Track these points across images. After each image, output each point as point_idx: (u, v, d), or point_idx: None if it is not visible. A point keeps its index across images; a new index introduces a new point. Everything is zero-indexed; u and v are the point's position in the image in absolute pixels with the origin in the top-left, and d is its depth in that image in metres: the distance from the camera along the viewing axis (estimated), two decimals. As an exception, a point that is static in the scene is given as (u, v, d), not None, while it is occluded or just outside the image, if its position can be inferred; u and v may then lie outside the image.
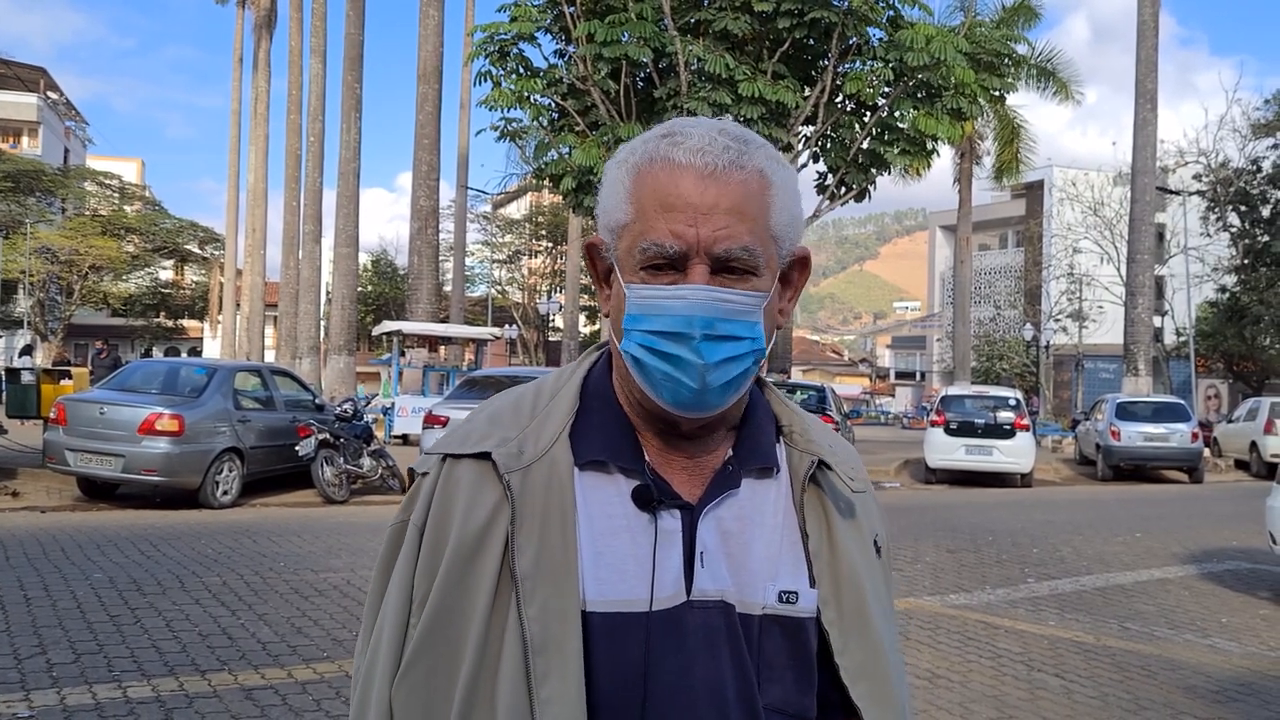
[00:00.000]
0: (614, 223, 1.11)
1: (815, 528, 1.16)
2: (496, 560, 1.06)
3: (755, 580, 1.12)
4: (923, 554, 10.12)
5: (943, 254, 61.92)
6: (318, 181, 32.16)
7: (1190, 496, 18.21)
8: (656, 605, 1.07)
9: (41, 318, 41.61)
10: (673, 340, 1.06)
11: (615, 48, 15.44)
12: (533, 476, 1.08)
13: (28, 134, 53.61)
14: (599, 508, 1.10)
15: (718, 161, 1.07)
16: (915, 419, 49.69)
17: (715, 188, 1.07)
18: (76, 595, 6.85)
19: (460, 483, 1.10)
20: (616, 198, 1.11)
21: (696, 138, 1.09)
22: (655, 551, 1.08)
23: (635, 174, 1.10)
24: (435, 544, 1.10)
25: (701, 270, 1.06)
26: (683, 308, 1.06)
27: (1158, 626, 7.33)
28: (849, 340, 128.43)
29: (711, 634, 1.08)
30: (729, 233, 1.06)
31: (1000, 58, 17.76)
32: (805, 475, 1.17)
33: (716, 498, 1.12)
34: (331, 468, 12.92)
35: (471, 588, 1.06)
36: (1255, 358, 36.39)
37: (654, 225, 1.07)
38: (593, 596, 1.06)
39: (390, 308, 49.34)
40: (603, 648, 1.05)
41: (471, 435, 1.13)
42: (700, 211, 1.06)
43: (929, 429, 20.01)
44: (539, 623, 1.03)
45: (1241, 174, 34.95)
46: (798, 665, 1.13)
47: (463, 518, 1.08)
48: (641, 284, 1.08)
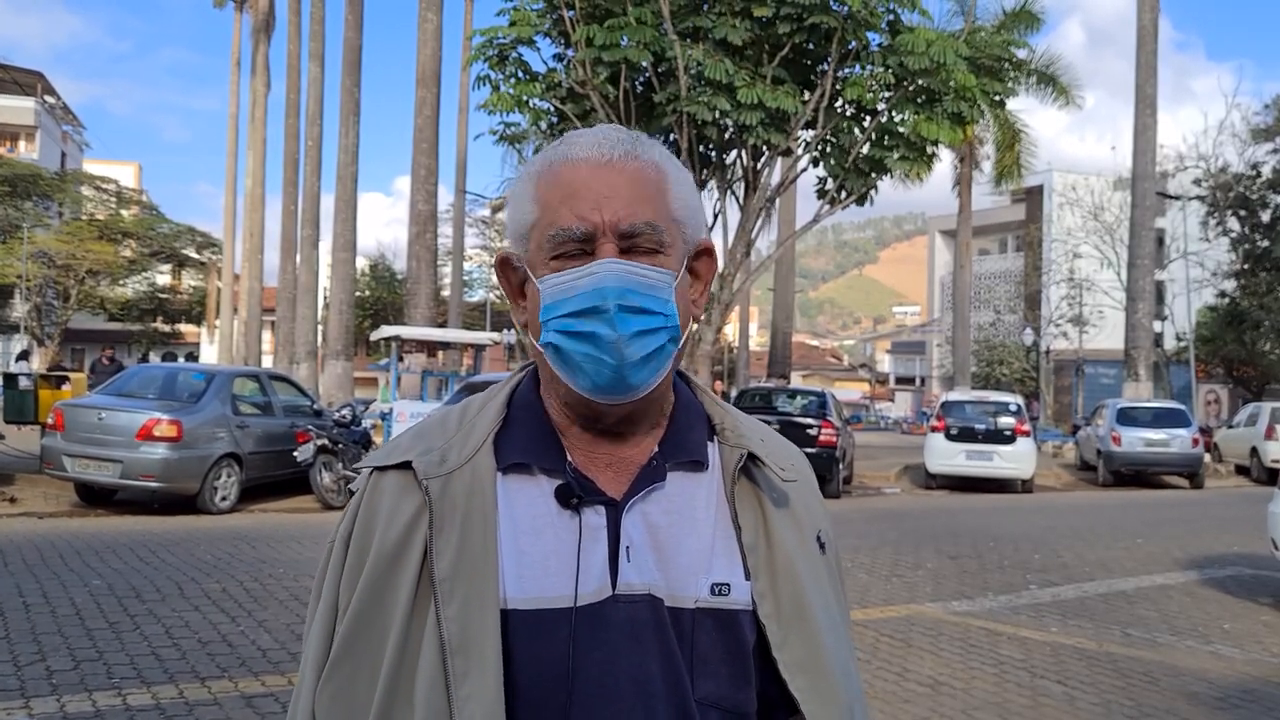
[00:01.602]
0: (522, 227, 1.15)
1: (749, 521, 1.16)
2: (416, 566, 1.08)
3: (686, 574, 1.12)
4: (924, 560, 10.10)
5: (942, 259, 61.99)
6: (315, 186, 32.17)
7: (1191, 502, 18.20)
8: (581, 601, 1.07)
9: (38, 322, 41.57)
10: (587, 317, 1.08)
11: (614, 52, 15.43)
12: (453, 483, 1.10)
13: (24, 138, 53.62)
14: (522, 509, 1.11)
15: (613, 152, 1.12)
16: (915, 424, 49.75)
17: (614, 174, 1.11)
18: (75, 602, 6.82)
19: (384, 493, 1.13)
20: (522, 204, 1.15)
21: (590, 136, 1.15)
22: (579, 547, 1.09)
23: (537, 178, 1.14)
24: (358, 554, 1.12)
25: (609, 248, 1.09)
26: (593, 282, 1.08)
27: (1160, 632, 7.30)
28: (849, 345, 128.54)
29: (637, 628, 1.08)
30: (630, 211, 1.10)
31: (1001, 62, 17.77)
32: (735, 468, 1.17)
33: (640, 492, 1.13)
34: (330, 473, 12.91)
35: (390, 593, 1.08)
36: (1255, 363, 36.40)
37: (559, 214, 1.10)
38: (514, 594, 1.07)
39: (388, 312, 49.34)
40: (524, 645, 1.05)
41: (397, 449, 1.15)
42: (603, 195, 1.10)
43: (929, 434, 20.00)
44: (457, 623, 1.04)
45: (1241, 179, 34.96)
46: (733, 659, 1.12)
47: (384, 526, 1.11)
48: (552, 273, 1.11)
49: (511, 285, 1.20)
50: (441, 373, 25.20)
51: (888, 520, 13.67)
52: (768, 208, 19.44)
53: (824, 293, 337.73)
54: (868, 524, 13.07)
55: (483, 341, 26.87)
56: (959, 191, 34.44)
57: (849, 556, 10.06)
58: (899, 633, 6.93)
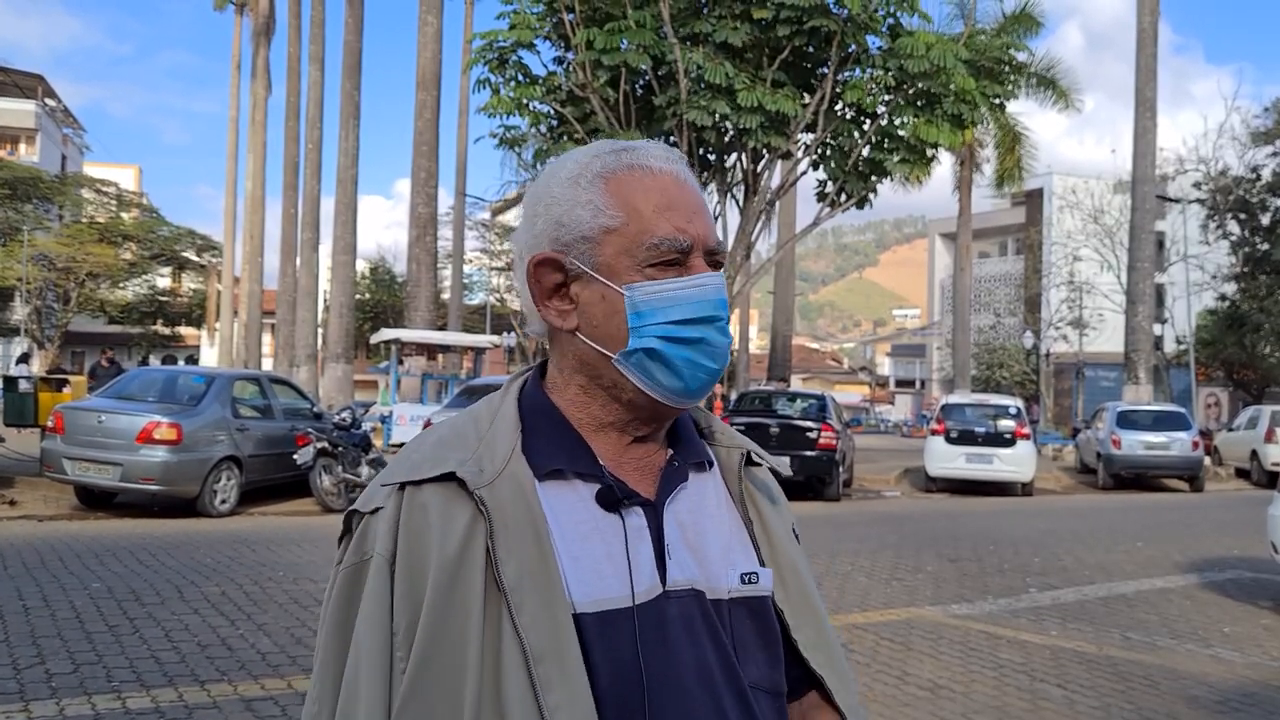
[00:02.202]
0: (591, 231, 1.14)
1: (754, 515, 1.24)
2: (480, 575, 1.05)
3: (717, 567, 1.16)
4: (924, 563, 10.10)
5: (942, 262, 61.99)
6: (316, 189, 32.17)
7: (1191, 505, 18.19)
8: (638, 600, 1.09)
9: (38, 325, 41.58)
10: (698, 325, 1.13)
11: (614, 55, 15.45)
12: (498, 491, 1.08)
13: (25, 141, 53.63)
14: (566, 514, 1.11)
15: (681, 170, 1.18)
16: (915, 427, 49.68)
17: (689, 191, 1.17)
18: (75, 605, 6.82)
19: (428, 507, 1.08)
20: (590, 207, 1.14)
21: (655, 149, 1.18)
22: (628, 549, 1.11)
23: (608, 182, 1.15)
24: (412, 572, 1.07)
25: (701, 263, 1.15)
26: (707, 293, 1.14)
27: (1160, 636, 7.30)
28: (848, 348, 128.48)
29: (690, 621, 1.12)
30: (710, 228, 1.17)
31: (1000, 65, 17.79)
32: (739, 467, 1.24)
33: (671, 492, 1.17)
34: (330, 476, 12.90)
35: (461, 607, 1.05)
36: (1255, 366, 36.41)
37: (657, 224, 1.13)
38: (579, 599, 1.07)
39: (388, 315, 49.36)
40: (597, 647, 1.06)
41: (425, 462, 1.12)
42: (692, 210, 1.16)
43: (929, 437, 19.99)
44: (534, 631, 1.03)
45: (1241, 182, 34.98)
46: (768, 644, 1.18)
47: (440, 540, 1.07)
48: (649, 280, 1.13)
49: (544, 286, 1.17)
50: (441, 375, 25.26)
51: (887, 523, 13.67)
52: (767, 211, 19.45)
53: (824, 296, 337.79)
54: (867, 527, 13.07)
55: (482, 345, 26.90)
56: (959, 194, 34.43)
57: (849, 560, 10.06)
58: (899, 636, 6.93)
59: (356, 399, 26.79)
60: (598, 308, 1.14)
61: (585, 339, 1.15)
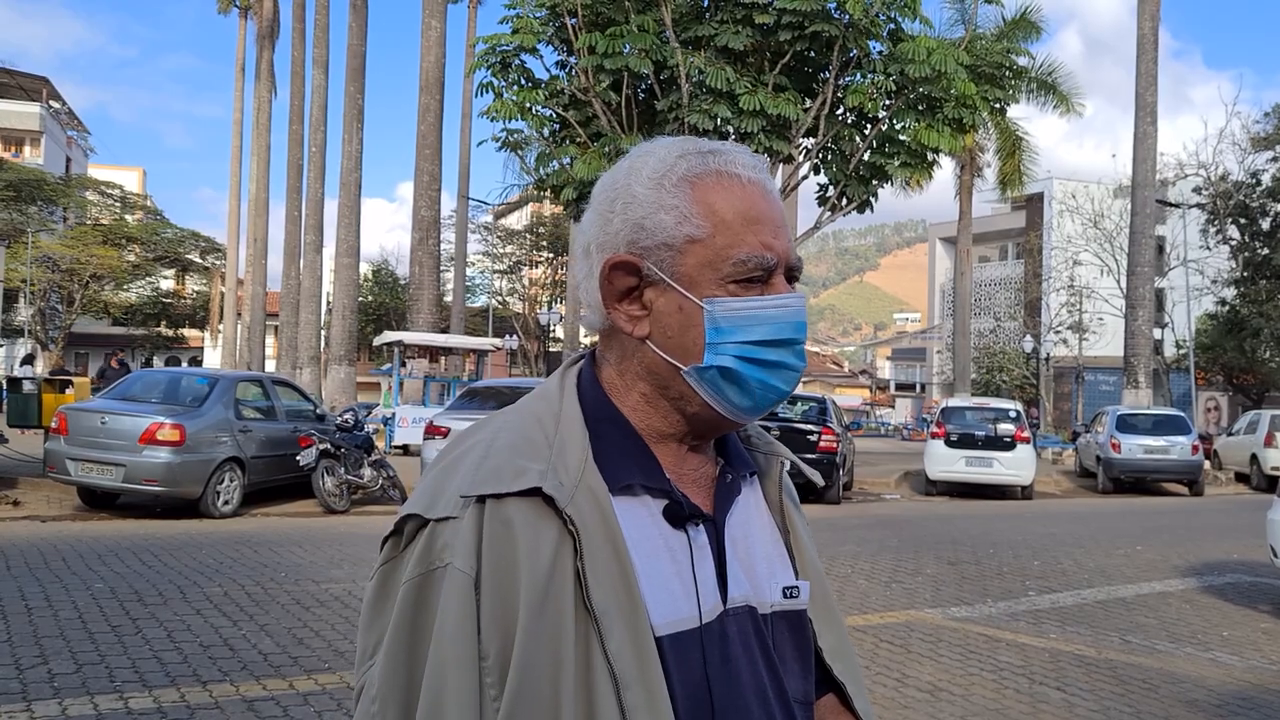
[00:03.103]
0: (674, 238, 1.09)
1: (790, 525, 1.23)
2: (571, 599, 1.01)
3: (763, 582, 1.15)
4: (924, 566, 10.12)
5: (943, 266, 62.01)
6: (319, 191, 32.23)
7: (1191, 509, 18.18)
8: (704, 619, 1.08)
9: (42, 327, 41.63)
10: (778, 348, 1.09)
11: (616, 59, 15.48)
12: (581, 507, 1.03)
13: (30, 143, 53.75)
14: (638, 531, 1.07)
15: (767, 180, 1.13)
16: (915, 431, 49.68)
17: (775, 204, 1.12)
18: (78, 605, 6.84)
19: (513, 523, 1.01)
20: (675, 212, 1.09)
21: (743, 155, 1.13)
22: (694, 567, 1.09)
23: (696, 186, 1.09)
24: (501, 593, 1.00)
25: (783, 281, 1.11)
26: (791, 315, 1.10)
27: (1159, 640, 7.32)
28: (849, 352, 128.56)
29: (746, 639, 1.11)
30: (791, 245, 1.12)
31: (1001, 70, 17.82)
32: (779, 476, 1.23)
33: (728, 507, 1.15)
34: (332, 478, 12.93)
35: (553, 631, 1.00)
36: (1255, 370, 36.40)
37: (744, 239, 1.08)
38: (657, 621, 1.04)
39: (391, 318, 49.41)
40: (674, 670, 1.04)
41: (504, 471, 1.04)
42: (778, 225, 1.11)
43: (929, 441, 20.00)
44: (622, 657, 1.00)
45: (1241, 187, 35.00)
46: (802, 655, 1.18)
47: (529, 560, 1.00)
48: (731, 296, 1.08)
49: (616, 288, 1.12)
50: (444, 378, 25.26)
51: (888, 526, 13.68)
52: (769, 214, 19.46)
53: (825, 299, 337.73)
54: (868, 530, 13.09)
55: (485, 347, 26.93)
56: (959, 199, 34.47)
57: (848, 562, 10.08)
58: (898, 638, 6.95)
59: (359, 401, 26.81)
60: (674, 318, 1.09)
61: (656, 348, 1.10)
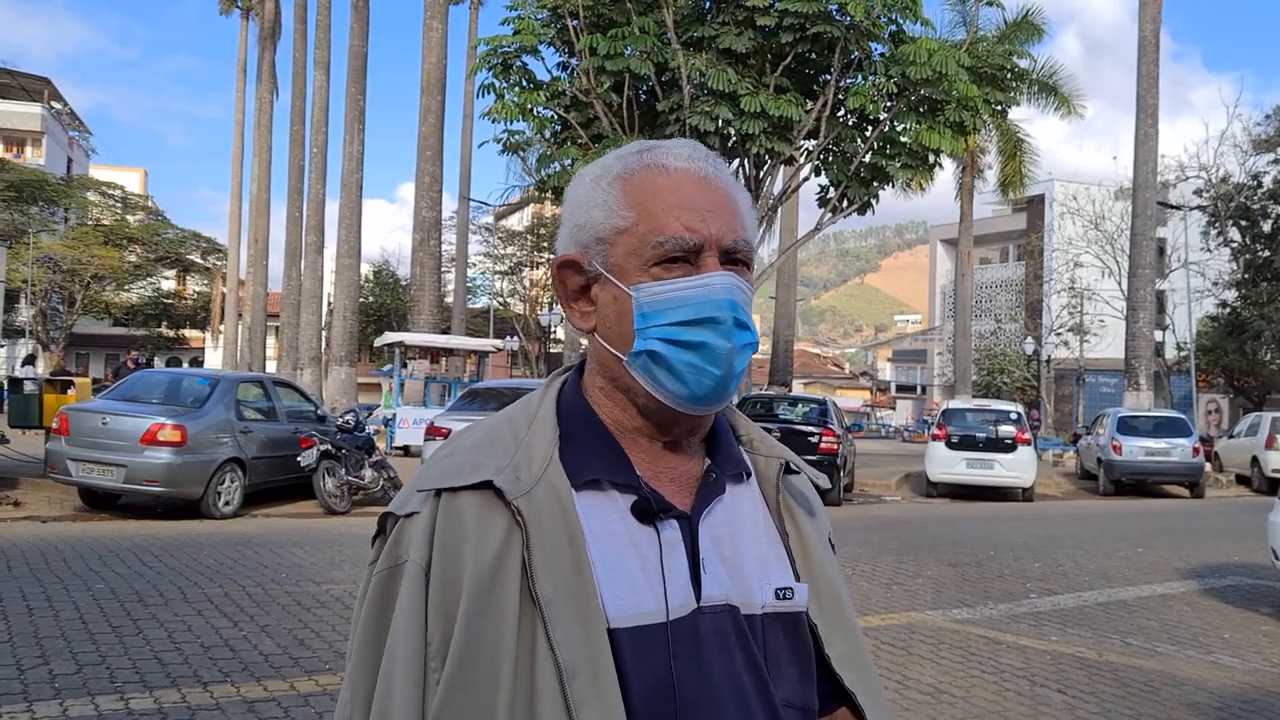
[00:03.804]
0: (604, 231, 1.13)
1: (791, 527, 1.21)
2: (516, 588, 1.03)
3: (751, 581, 1.14)
4: (924, 568, 10.11)
5: (944, 267, 61.99)
6: (320, 192, 32.24)
7: (1191, 511, 18.18)
8: (672, 615, 1.07)
9: (43, 327, 41.66)
10: (701, 327, 1.09)
11: (618, 61, 15.50)
12: (535, 500, 1.06)
13: (31, 144, 53.79)
14: (601, 525, 1.09)
15: (705, 168, 1.15)
16: (916, 432, 49.67)
17: (710, 190, 1.13)
18: (79, 606, 6.84)
19: (465, 515, 1.06)
20: (604, 208, 1.14)
21: (679, 147, 1.16)
22: (663, 562, 1.09)
23: (624, 182, 1.14)
24: (447, 582, 1.05)
25: (713, 262, 1.11)
26: (712, 293, 1.09)
27: (1160, 642, 7.31)
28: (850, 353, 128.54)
29: (724, 637, 1.10)
30: (730, 227, 1.12)
31: (1003, 72, 17.82)
32: (778, 477, 1.22)
33: (708, 505, 1.15)
34: (333, 479, 12.92)
35: (496, 620, 1.03)
36: (1256, 372, 36.38)
37: (665, 223, 1.10)
38: (614, 614, 1.05)
39: (392, 319, 49.40)
40: (631, 663, 1.04)
41: (463, 467, 1.09)
42: (708, 209, 1.12)
43: (930, 442, 20.00)
44: (568, 647, 1.01)
45: (1242, 189, 35.00)
46: (800, 660, 1.16)
47: (475, 550, 1.04)
48: (654, 280, 1.10)
49: (568, 289, 1.18)
50: (445, 379, 25.26)
51: (888, 528, 13.68)
52: (770, 216, 19.49)
53: (825, 301, 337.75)
54: (869, 532, 13.08)
55: (486, 348, 26.94)
56: (960, 201, 34.45)
57: (850, 564, 10.08)
58: (899, 640, 6.95)
59: (360, 402, 26.80)
60: (611, 309, 1.13)
61: (602, 340, 1.15)
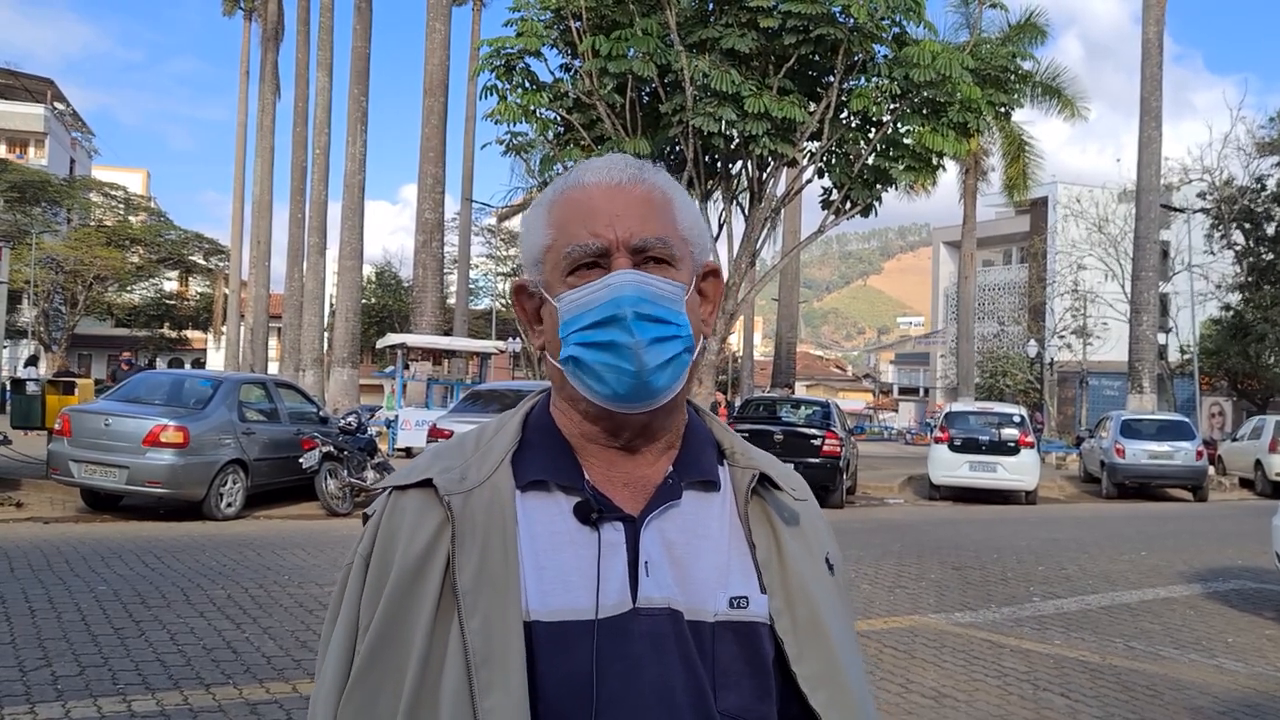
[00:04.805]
0: (536, 252, 1.19)
1: (762, 539, 1.19)
2: (438, 579, 1.08)
3: (704, 589, 1.13)
4: (927, 571, 10.10)
5: (946, 269, 61.98)
6: (323, 194, 32.26)
7: (1195, 515, 18.16)
8: (602, 614, 1.08)
9: (46, 328, 41.69)
10: (606, 327, 1.12)
11: (621, 63, 15.50)
12: (474, 500, 1.11)
13: (34, 144, 53.87)
14: (542, 525, 1.12)
15: (621, 176, 1.18)
16: (919, 435, 49.62)
17: (624, 195, 1.17)
18: (81, 607, 6.84)
19: (405, 511, 1.14)
20: (536, 232, 1.20)
21: (600, 163, 1.21)
22: (599, 562, 1.10)
23: (551, 206, 1.19)
24: (380, 571, 1.12)
25: (623, 262, 1.14)
26: (610, 293, 1.12)
27: (1163, 646, 7.30)
28: (852, 355, 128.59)
29: (659, 640, 1.09)
30: (641, 226, 1.15)
31: (1006, 74, 17.81)
32: (748, 487, 1.21)
33: (657, 509, 1.15)
34: (335, 480, 12.93)
35: (413, 607, 1.08)
36: (1260, 375, 36.34)
37: (574, 233, 1.15)
38: (536, 607, 1.08)
39: (394, 320, 49.42)
40: (548, 657, 1.06)
41: (416, 469, 1.17)
42: (615, 214, 1.15)
43: (933, 445, 19.98)
44: (481, 635, 1.05)
45: (1246, 192, 34.97)
46: (755, 672, 1.13)
47: (406, 542, 1.11)
48: (569, 289, 1.15)
49: (527, 312, 1.23)
50: (447, 380, 25.29)
51: (891, 531, 13.66)
52: (773, 218, 19.49)
53: (828, 303, 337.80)
54: (871, 535, 13.07)
55: (488, 350, 26.96)
56: (963, 203, 34.43)
57: (852, 567, 10.07)
58: (902, 644, 6.94)
59: (362, 403, 26.81)
60: (549, 324, 1.18)
61: (549, 355, 1.20)
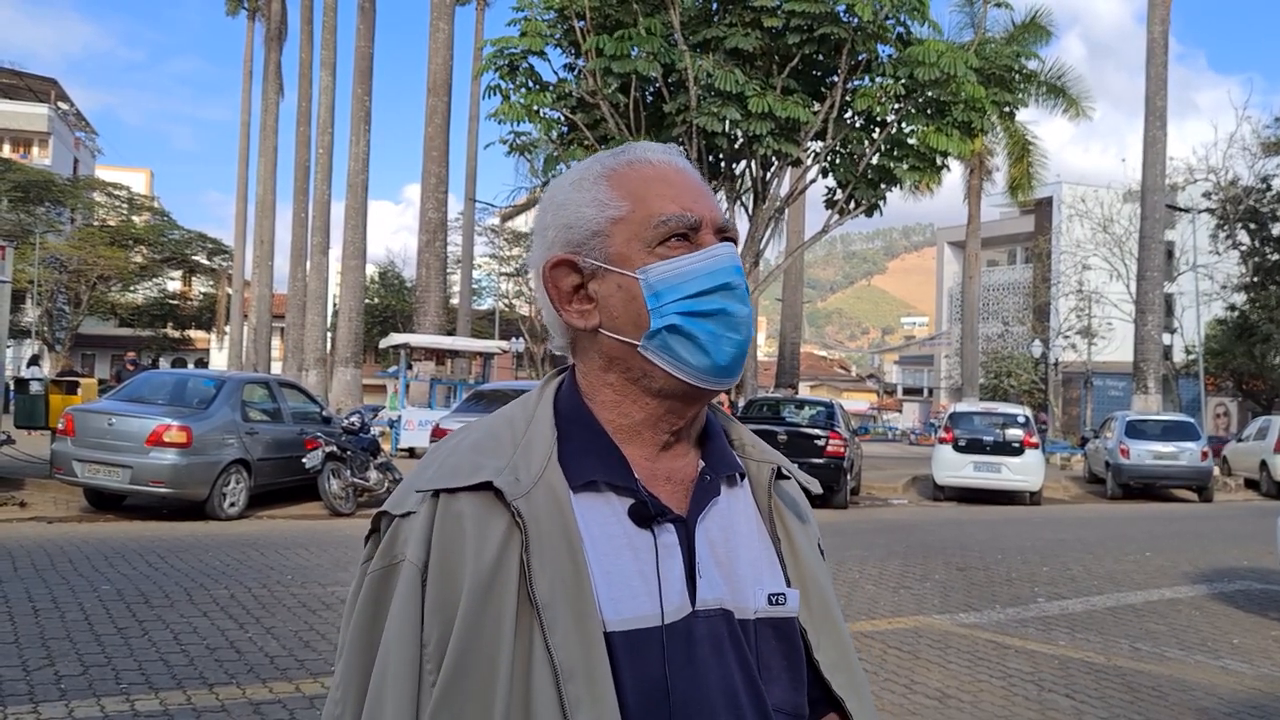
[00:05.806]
0: (599, 225, 1.15)
1: (783, 532, 1.21)
2: (514, 589, 1.03)
3: (744, 586, 1.14)
4: (932, 571, 10.08)
5: (951, 270, 61.95)
6: (326, 194, 32.27)
7: (1200, 515, 18.12)
8: (667, 619, 1.07)
9: (49, 328, 41.74)
10: (716, 295, 1.12)
11: (624, 63, 15.49)
12: (535, 502, 1.06)
13: (38, 144, 53.97)
14: (599, 528, 1.09)
15: (680, 161, 1.21)
16: (923, 435, 49.60)
17: (691, 176, 1.19)
18: (84, 607, 6.84)
19: (464, 516, 1.06)
20: (595, 204, 1.16)
21: (651, 146, 1.21)
22: (659, 566, 1.09)
23: (611, 177, 1.17)
24: (445, 582, 1.04)
25: (712, 238, 1.15)
26: (720, 262, 1.14)
27: (1169, 647, 7.28)
28: (856, 356, 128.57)
29: (718, 642, 1.10)
30: (715, 209, 1.18)
31: (1010, 73, 17.78)
32: (769, 482, 1.22)
33: (704, 508, 1.15)
34: (338, 480, 12.92)
35: (494, 621, 1.03)
36: (1265, 376, 36.27)
37: (662, 205, 1.14)
38: (610, 617, 1.05)
39: (397, 320, 49.47)
40: (626, 667, 1.04)
41: (462, 468, 1.08)
42: (698, 191, 1.18)
43: (937, 446, 19.94)
44: (565, 649, 1.01)
45: (1251, 192, 34.88)
46: (792, 666, 1.16)
47: (475, 551, 1.04)
48: (660, 260, 1.13)
49: (561, 290, 1.17)
50: (450, 380, 25.28)
51: (895, 531, 13.64)
52: (776, 218, 19.47)
53: (832, 303, 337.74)
54: (875, 535, 13.05)
55: (491, 350, 26.95)
56: (968, 203, 34.42)
57: (856, 567, 10.06)
58: (906, 644, 6.92)
59: (365, 403, 26.81)
60: (616, 298, 1.13)
61: (609, 333, 1.14)
